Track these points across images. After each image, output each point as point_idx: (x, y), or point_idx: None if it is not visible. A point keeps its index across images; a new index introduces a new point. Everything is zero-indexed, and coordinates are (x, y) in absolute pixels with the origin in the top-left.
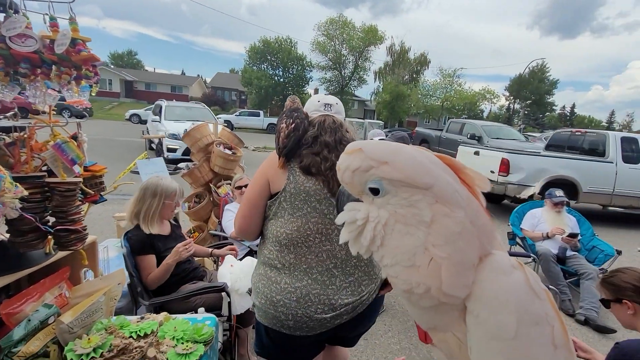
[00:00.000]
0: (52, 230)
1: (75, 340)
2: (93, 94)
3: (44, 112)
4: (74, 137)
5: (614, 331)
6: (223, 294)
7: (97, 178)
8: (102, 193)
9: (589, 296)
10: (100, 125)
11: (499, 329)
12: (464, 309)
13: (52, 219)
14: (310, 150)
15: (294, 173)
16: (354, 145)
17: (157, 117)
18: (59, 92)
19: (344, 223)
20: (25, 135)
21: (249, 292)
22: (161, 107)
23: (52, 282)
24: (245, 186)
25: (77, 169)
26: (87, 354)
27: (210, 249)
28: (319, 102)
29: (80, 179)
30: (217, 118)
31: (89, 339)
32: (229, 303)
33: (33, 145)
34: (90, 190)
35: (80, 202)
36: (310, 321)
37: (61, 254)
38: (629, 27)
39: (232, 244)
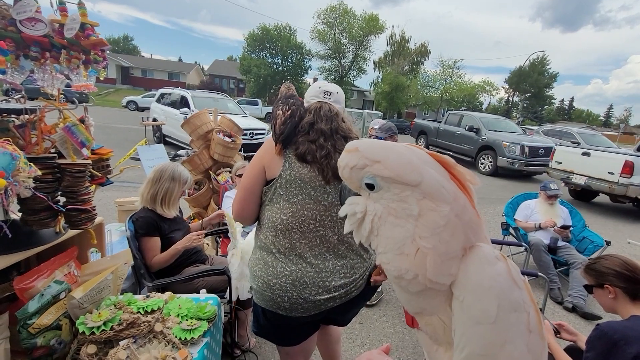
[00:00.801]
0: (63, 209)
1: (85, 315)
2: (101, 79)
3: (52, 96)
4: (81, 121)
5: (599, 318)
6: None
7: (104, 161)
8: (108, 176)
9: (577, 285)
10: (97, 112)
11: (482, 313)
12: (450, 295)
13: (62, 199)
14: (307, 137)
15: (290, 160)
16: (352, 145)
17: (186, 109)
18: (67, 76)
19: (346, 215)
20: (36, 118)
21: None
22: (186, 98)
23: (61, 260)
24: None
25: (85, 151)
26: (98, 327)
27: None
28: (319, 88)
29: (90, 161)
30: (216, 109)
31: (99, 313)
32: (229, 288)
33: (43, 127)
34: (97, 173)
35: (89, 184)
36: (305, 303)
37: (70, 234)
38: (631, 20)
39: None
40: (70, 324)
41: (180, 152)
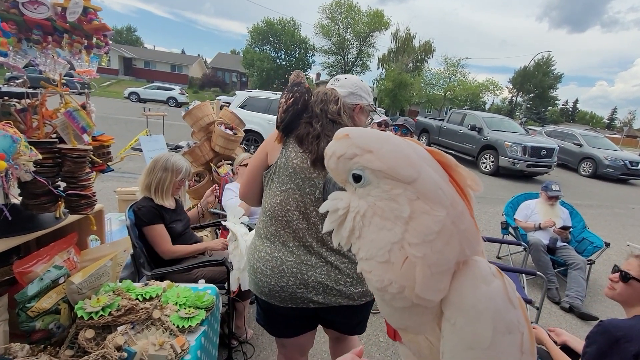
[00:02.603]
0: (63, 194)
1: (84, 300)
2: (103, 64)
3: (53, 81)
4: (83, 107)
5: (596, 318)
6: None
7: (105, 148)
8: (109, 163)
9: (575, 285)
10: (99, 103)
11: (475, 338)
12: (439, 313)
13: (63, 184)
14: (305, 119)
15: (287, 148)
16: (342, 131)
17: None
18: (69, 62)
19: (327, 212)
20: (37, 102)
21: None
22: (246, 98)
23: (61, 246)
24: None
25: (86, 137)
26: (97, 312)
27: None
28: (335, 76)
29: (91, 147)
30: (217, 100)
31: (97, 299)
32: (228, 278)
33: (44, 112)
34: (98, 159)
35: (89, 170)
36: (282, 292)
37: (69, 219)
38: (639, 22)
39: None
40: (69, 309)
41: (182, 143)
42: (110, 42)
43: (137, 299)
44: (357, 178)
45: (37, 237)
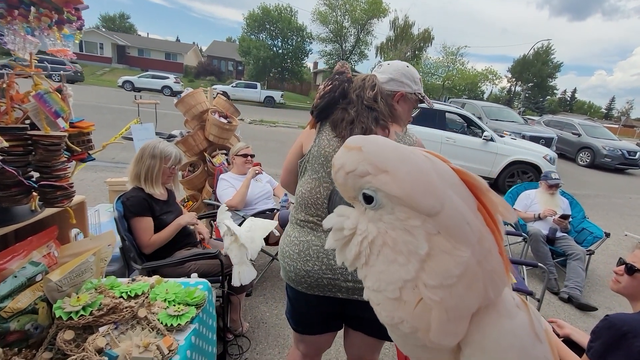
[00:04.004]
0: (35, 185)
1: (64, 298)
2: (76, 42)
3: (23, 60)
4: (59, 91)
5: (595, 309)
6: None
7: (85, 135)
8: (90, 152)
9: (574, 276)
10: (92, 91)
11: None
12: (457, 349)
13: (36, 175)
14: (342, 105)
15: (321, 135)
16: (354, 141)
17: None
18: (40, 39)
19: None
20: (4, 84)
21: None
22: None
23: (40, 240)
24: (252, 156)
25: (62, 123)
26: (77, 312)
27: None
28: (380, 62)
29: (66, 134)
30: (213, 88)
31: (78, 297)
32: (222, 272)
33: (14, 95)
34: (77, 148)
35: (67, 160)
36: (308, 277)
37: (48, 212)
38: None
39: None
40: (49, 308)
41: (174, 132)
42: (104, 33)
43: (121, 296)
44: (368, 199)
45: (14, 231)
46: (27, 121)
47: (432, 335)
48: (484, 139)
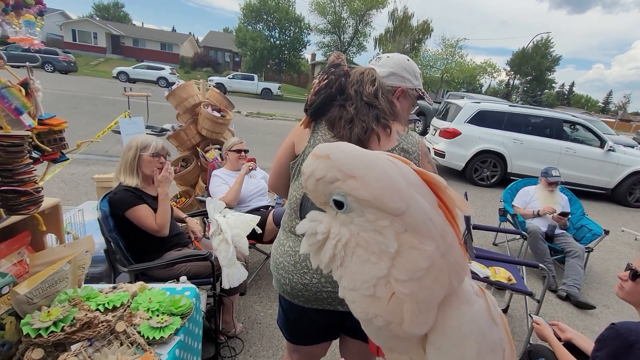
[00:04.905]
0: None
1: (34, 312)
2: (38, 29)
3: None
4: (24, 84)
5: (593, 307)
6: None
7: (56, 133)
8: (63, 151)
9: (572, 273)
10: (86, 82)
11: None
12: (424, 336)
13: None
14: (339, 102)
15: (316, 135)
16: (322, 150)
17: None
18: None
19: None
20: None
21: (245, 266)
22: (477, 110)
23: (10, 248)
24: (245, 151)
25: (28, 120)
26: (46, 328)
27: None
28: (378, 55)
29: (29, 133)
30: (209, 80)
31: (48, 311)
32: (213, 274)
33: None
34: (47, 147)
35: (36, 160)
36: (306, 290)
37: (17, 216)
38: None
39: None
40: (17, 322)
41: (166, 125)
42: (97, 22)
43: (97, 309)
44: (338, 204)
45: None
46: None
47: (405, 326)
48: (608, 149)
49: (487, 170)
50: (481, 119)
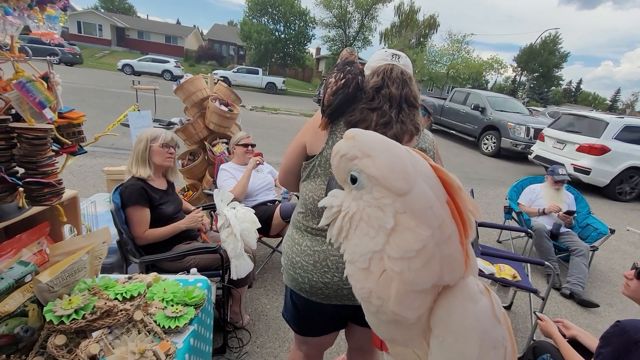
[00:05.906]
0: (20, 183)
1: (55, 300)
2: (61, 24)
3: (4, 45)
4: (45, 78)
5: (596, 305)
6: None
7: (75, 127)
8: (81, 144)
9: (576, 272)
10: (92, 75)
11: (462, 355)
12: (427, 329)
13: (21, 170)
14: (369, 105)
15: (334, 137)
16: (351, 132)
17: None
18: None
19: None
20: None
21: (251, 258)
22: (622, 126)
23: (30, 238)
24: (252, 145)
25: (49, 114)
26: (68, 316)
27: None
28: (385, 52)
29: (52, 126)
30: (214, 74)
31: (70, 299)
32: (222, 266)
33: None
34: (66, 140)
35: (55, 153)
36: (326, 289)
37: (39, 208)
38: None
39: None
40: (39, 309)
41: (174, 119)
42: (102, 14)
43: (116, 298)
44: (353, 180)
45: (4, 228)
46: (13, 111)
47: (391, 304)
48: None
49: (627, 185)
50: (628, 136)
